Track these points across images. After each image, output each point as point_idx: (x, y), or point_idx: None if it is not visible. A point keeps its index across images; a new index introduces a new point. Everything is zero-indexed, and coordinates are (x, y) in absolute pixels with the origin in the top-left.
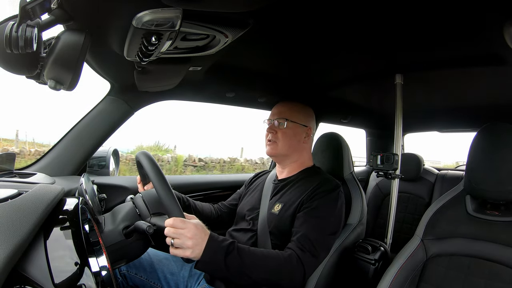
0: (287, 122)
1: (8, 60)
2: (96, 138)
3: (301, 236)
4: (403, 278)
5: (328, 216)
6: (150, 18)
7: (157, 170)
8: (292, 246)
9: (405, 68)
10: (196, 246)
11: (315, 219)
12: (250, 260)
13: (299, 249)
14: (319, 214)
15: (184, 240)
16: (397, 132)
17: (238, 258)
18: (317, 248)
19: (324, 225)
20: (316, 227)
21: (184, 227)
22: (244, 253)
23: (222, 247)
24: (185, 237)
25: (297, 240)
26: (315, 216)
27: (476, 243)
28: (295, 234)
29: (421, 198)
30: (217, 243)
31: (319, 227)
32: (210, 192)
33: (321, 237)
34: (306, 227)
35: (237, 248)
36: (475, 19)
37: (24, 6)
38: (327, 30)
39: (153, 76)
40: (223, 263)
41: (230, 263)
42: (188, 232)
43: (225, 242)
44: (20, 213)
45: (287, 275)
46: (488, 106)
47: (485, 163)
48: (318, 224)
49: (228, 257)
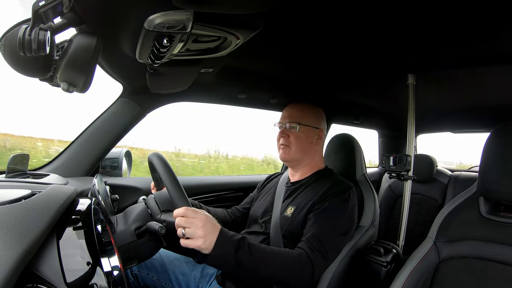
0: (299, 126)
1: (22, 63)
2: (108, 140)
3: (311, 236)
4: (415, 280)
5: (339, 216)
6: (162, 21)
7: (167, 166)
8: (302, 246)
9: (418, 68)
10: (207, 236)
11: (325, 219)
12: (260, 256)
13: (309, 249)
14: (329, 214)
15: (195, 229)
16: (409, 133)
17: (248, 253)
18: (327, 249)
19: (334, 225)
20: (326, 227)
21: (195, 216)
22: (254, 248)
23: (233, 241)
24: (196, 226)
25: (307, 240)
26: (325, 216)
27: (489, 246)
28: (305, 234)
29: (434, 199)
30: (228, 237)
31: (329, 227)
32: (221, 193)
33: (331, 237)
34: (316, 227)
35: (248, 243)
36: (488, 18)
37: (37, 9)
38: (338, 30)
39: (165, 78)
40: (233, 257)
41: (240, 258)
42: (199, 221)
43: (236, 237)
44: (33, 213)
45: (295, 273)
46: (501, 106)
47: (499, 164)
48: (328, 224)
49: (238, 252)
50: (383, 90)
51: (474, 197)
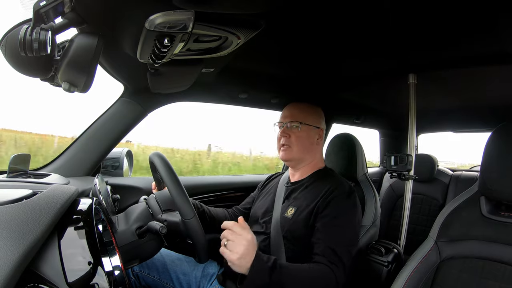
0: (301, 125)
1: (23, 63)
2: (110, 139)
3: (327, 249)
4: (416, 280)
5: (349, 224)
6: (163, 21)
7: (168, 166)
8: (322, 261)
9: (419, 67)
10: (245, 255)
11: (337, 229)
12: (290, 278)
13: (329, 263)
14: (340, 223)
15: (237, 245)
16: (410, 132)
17: (279, 276)
18: (344, 260)
19: (346, 234)
20: (340, 238)
21: (242, 233)
22: (285, 269)
23: (267, 268)
24: (239, 243)
25: (324, 253)
26: (335, 225)
27: (490, 246)
28: (318, 246)
29: (435, 199)
30: (263, 263)
31: (342, 237)
32: (222, 193)
33: (346, 247)
34: (329, 240)
35: (280, 266)
36: (489, 17)
37: (38, 10)
38: (339, 30)
39: (166, 78)
40: (267, 283)
41: (273, 282)
42: (244, 239)
43: (270, 261)
44: (35, 213)
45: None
46: (503, 106)
47: (500, 164)
48: (340, 234)
49: (272, 276)
50: (384, 90)
51: (475, 196)
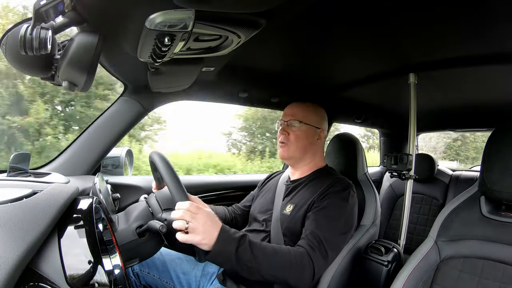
0: (300, 124)
1: (23, 62)
2: (110, 138)
3: (310, 234)
4: (416, 280)
5: (339, 215)
6: (163, 20)
7: (168, 165)
8: (302, 244)
9: (419, 67)
10: (207, 232)
11: (325, 218)
12: (261, 254)
13: (309, 247)
14: (329, 213)
15: (197, 224)
16: (411, 132)
17: (249, 251)
18: (327, 249)
19: (334, 224)
20: (326, 226)
21: (198, 211)
22: (255, 246)
23: (234, 238)
24: (197, 221)
25: (307, 238)
26: (324, 215)
27: (490, 245)
28: (305, 232)
29: (435, 199)
30: (229, 235)
31: (329, 226)
32: (222, 193)
33: (331, 236)
34: (316, 226)
35: (249, 241)
36: (489, 16)
37: (38, 8)
38: (340, 29)
39: (166, 77)
40: (234, 254)
41: (241, 255)
42: (202, 217)
43: (237, 234)
44: (35, 212)
45: (296, 272)
46: (503, 105)
47: (500, 163)
48: (327, 223)
49: (239, 249)
50: (384, 89)
51: (475, 196)
